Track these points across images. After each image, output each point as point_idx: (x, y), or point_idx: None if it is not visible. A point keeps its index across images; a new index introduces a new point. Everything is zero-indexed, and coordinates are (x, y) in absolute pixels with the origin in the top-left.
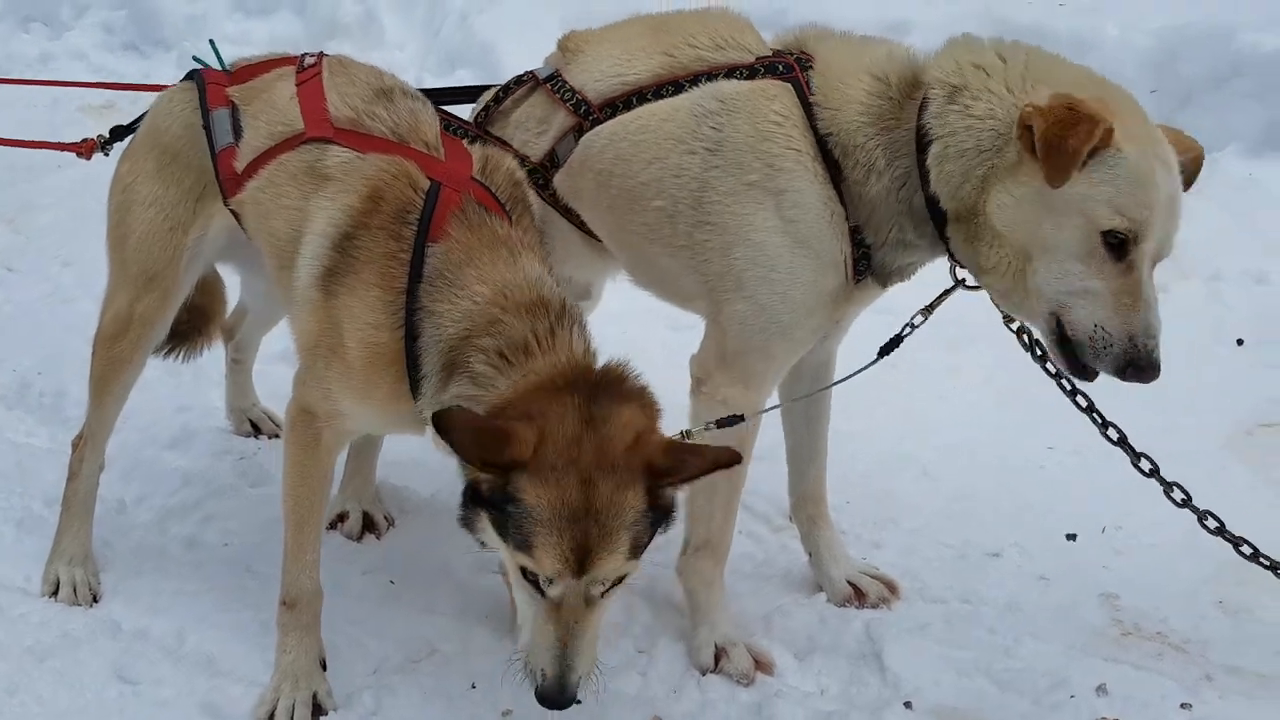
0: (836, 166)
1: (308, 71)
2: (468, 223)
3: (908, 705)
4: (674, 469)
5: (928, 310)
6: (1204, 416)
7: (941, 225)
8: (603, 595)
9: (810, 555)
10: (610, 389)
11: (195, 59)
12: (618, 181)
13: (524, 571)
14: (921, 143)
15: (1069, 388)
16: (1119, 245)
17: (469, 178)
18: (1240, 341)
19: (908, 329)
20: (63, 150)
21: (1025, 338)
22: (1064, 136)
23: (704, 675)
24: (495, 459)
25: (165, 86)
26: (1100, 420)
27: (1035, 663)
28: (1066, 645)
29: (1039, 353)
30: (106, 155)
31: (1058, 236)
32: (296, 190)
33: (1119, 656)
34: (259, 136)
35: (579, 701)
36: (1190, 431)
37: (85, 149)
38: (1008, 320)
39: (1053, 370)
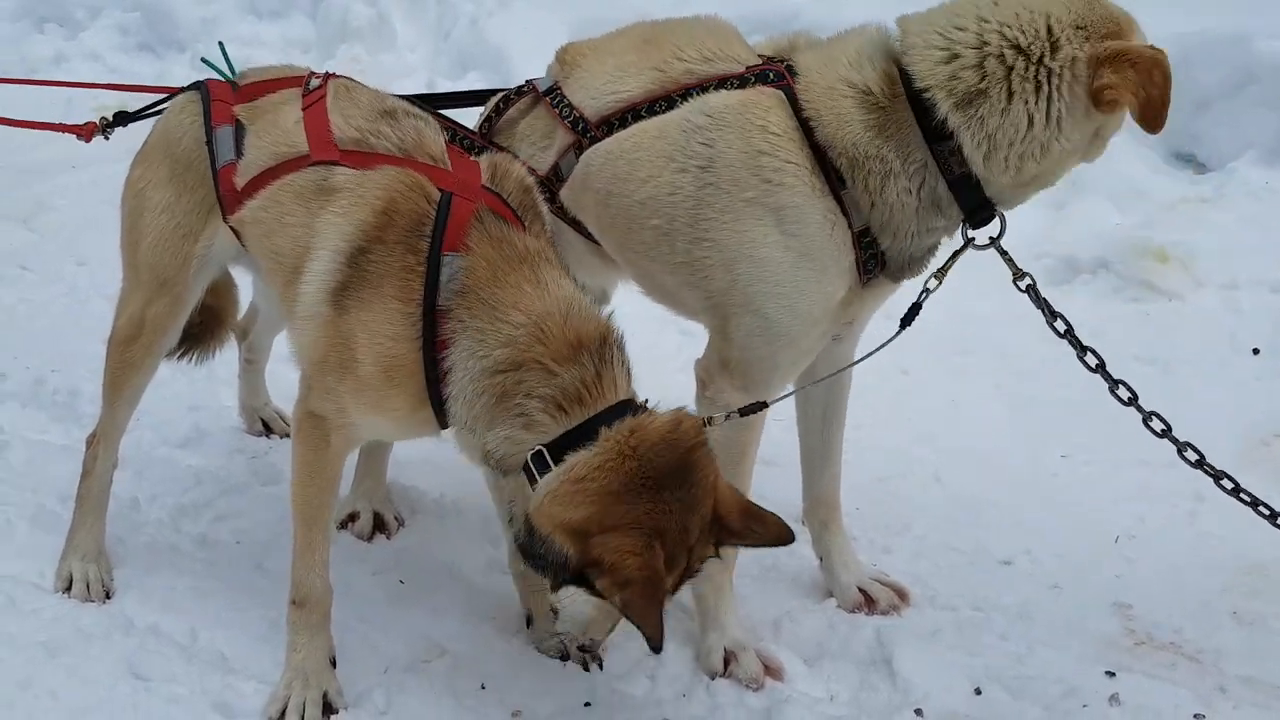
0: (838, 176)
1: (313, 95)
2: (488, 235)
3: (918, 712)
4: (742, 534)
5: (940, 274)
6: (1219, 426)
7: (971, 196)
8: None
9: (821, 560)
10: (681, 454)
11: (204, 60)
12: (616, 201)
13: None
14: (934, 134)
15: (1078, 349)
16: None
17: (480, 186)
18: (1256, 351)
19: (924, 295)
20: (64, 131)
21: (1034, 294)
22: (1154, 95)
23: (713, 680)
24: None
25: (176, 89)
26: (1079, 347)
27: (1047, 671)
28: (1079, 654)
29: (1049, 310)
30: (107, 139)
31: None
32: (302, 208)
33: (1132, 666)
34: (262, 156)
35: None
36: (1205, 441)
37: (86, 131)
38: (1017, 278)
39: (1061, 330)
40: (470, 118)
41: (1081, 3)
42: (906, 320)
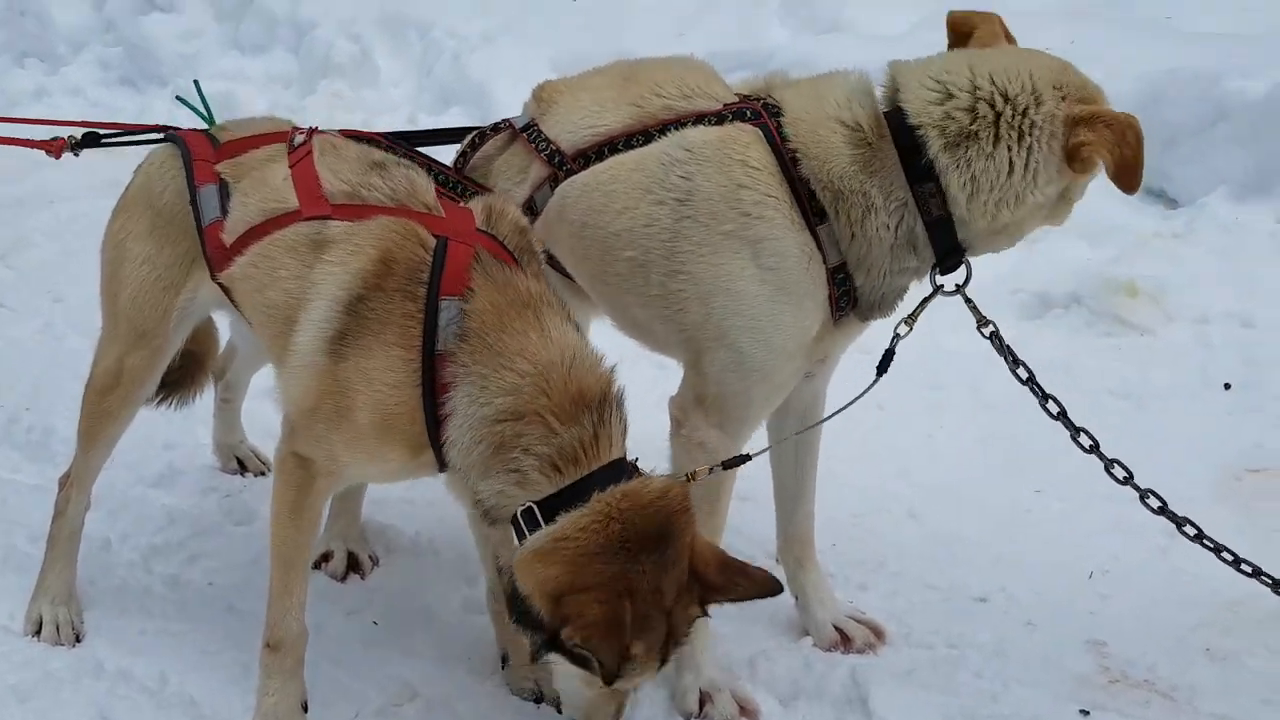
0: (819, 211)
1: (298, 151)
2: (490, 279)
3: None
4: (725, 588)
5: (910, 320)
6: (1192, 461)
7: (945, 239)
8: None
9: (796, 598)
10: (663, 520)
11: (179, 99)
12: (590, 232)
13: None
14: (918, 174)
15: (1043, 393)
16: None
17: (474, 230)
18: (1228, 385)
19: (895, 340)
20: (31, 147)
21: (998, 341)
22: (1129, 154)
23: None
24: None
25: (151, 127)
26: (1041, 395)
27: (1022, 709)
28: (1053, 691)
29: (1012, 358)
30: (77, 155)
31: None
32: (296, 261)
33: (1106, 703)
34: (250, 212)
35: None
36: (1178, 476)
37: (55, 148)
38: (981, 325)
39: (1024, 378)
40: (450, 155)
41: (1059, 67)
42: (882, 368)
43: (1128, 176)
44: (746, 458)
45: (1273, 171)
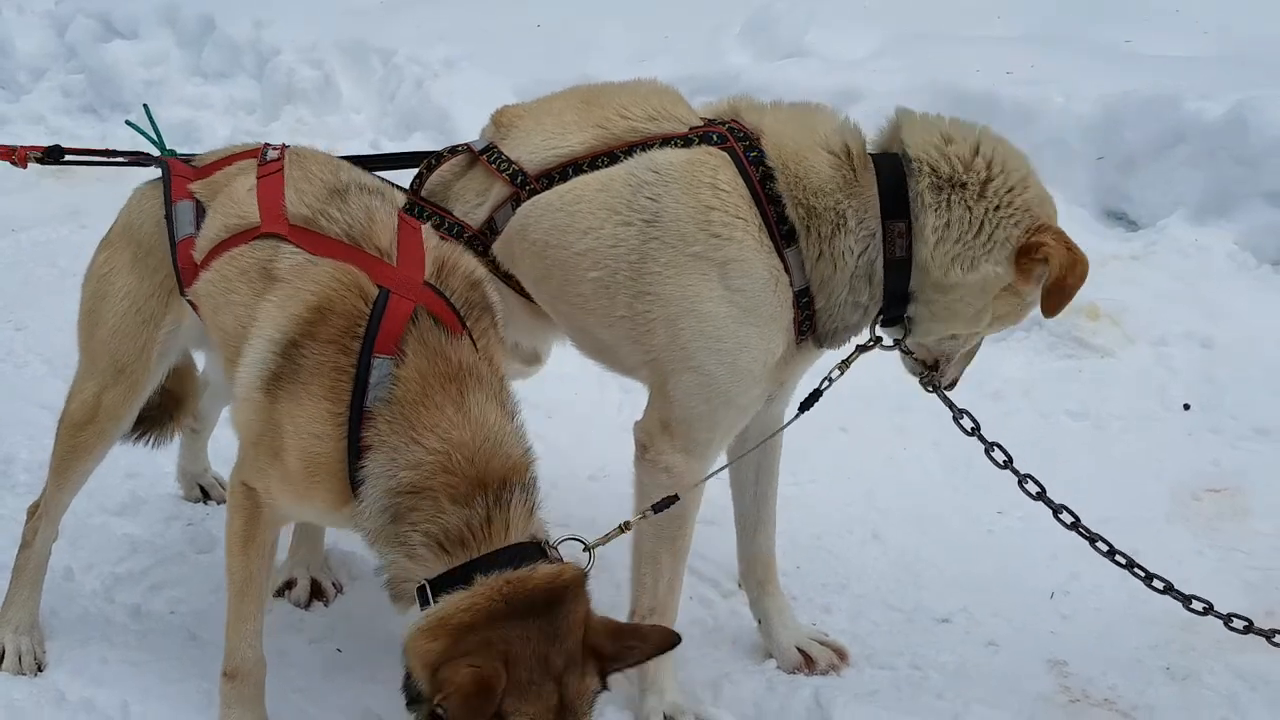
0: (788, 234)
1: (270, 165)
2: (423, 344)
3: None
4: (621, 655)
5: (844, 365)
6: (1150, 481)
7: (898, 282)
8: None
9: (759, 621)
10: (553, 592)
11: (129, 123)
12: (553, 253)
13: None
14: (893, 210)
15: (988, 442)
16: None
17: (421, 284)
18: (1187, 406)
19: (825, 384)
20: None
21: (941, 395)
22: (1071, 282)
23: None
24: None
25: (126, 153)
26: (986, 443)
27: None
28: (1015, 712)
29: (954, 409)
30: (42, 165)
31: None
32: (246, 288)
33: None
34: (215, 228)
35: None
36: (1137, 496)
37: (19, 156)
38: (924, 381)
39: (969, 428)
40: (408, 179)
41: (1047, 193)
42: (806, 405)
43: (1059, 298)
44: (674, 499)
45: (1231, 193)
